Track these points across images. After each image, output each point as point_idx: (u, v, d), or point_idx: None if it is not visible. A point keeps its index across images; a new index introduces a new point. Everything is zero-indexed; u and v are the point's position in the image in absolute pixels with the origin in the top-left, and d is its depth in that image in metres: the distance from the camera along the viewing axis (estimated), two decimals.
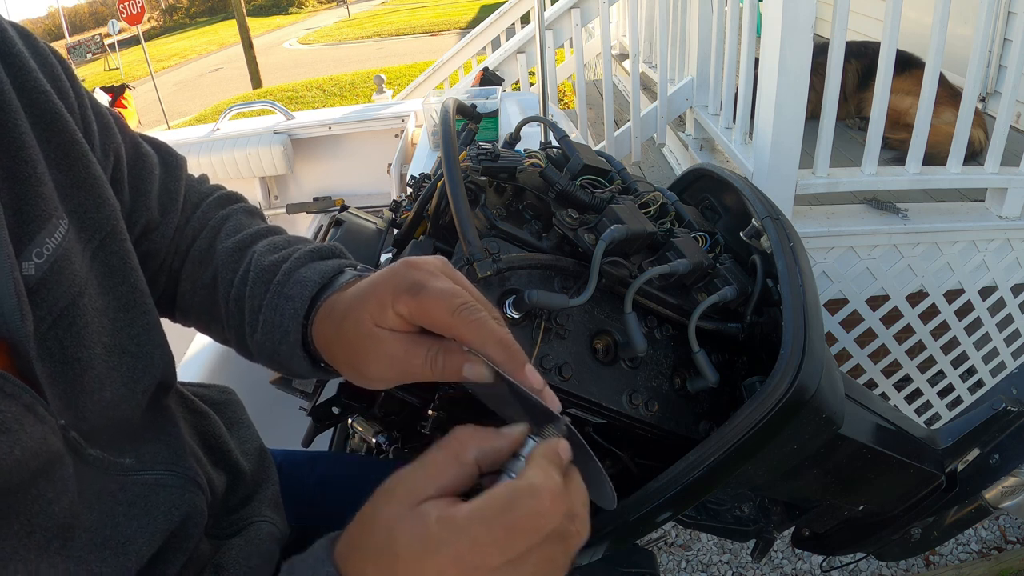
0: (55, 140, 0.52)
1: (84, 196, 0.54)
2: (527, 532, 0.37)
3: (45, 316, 0.48)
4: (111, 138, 0.62)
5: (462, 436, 0.41)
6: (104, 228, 0.56)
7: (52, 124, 0.52)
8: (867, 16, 3.44)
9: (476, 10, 18.39)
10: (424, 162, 2.21)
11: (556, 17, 3.39)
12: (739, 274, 0.76)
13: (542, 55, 2.54)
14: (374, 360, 0.50)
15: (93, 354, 0.52)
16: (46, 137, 0.52)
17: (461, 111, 0.86)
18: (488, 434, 0.42)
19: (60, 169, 0.53)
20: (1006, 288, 2.21)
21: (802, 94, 1.87)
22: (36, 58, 0.54)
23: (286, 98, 10.10)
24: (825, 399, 0.66)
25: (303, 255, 0.65)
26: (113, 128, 0.63)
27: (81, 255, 0.53)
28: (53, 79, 0.55)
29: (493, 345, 0.47)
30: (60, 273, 0.50)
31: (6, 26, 0.52)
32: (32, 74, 0.52)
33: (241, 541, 0.67)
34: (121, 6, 10.13)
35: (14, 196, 0.48)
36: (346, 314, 0.53)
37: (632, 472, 0.82)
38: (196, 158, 3.02)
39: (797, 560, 2.14)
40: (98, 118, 0.61)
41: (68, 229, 0.52)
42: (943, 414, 2.50)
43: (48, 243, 0.49)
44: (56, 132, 0.52)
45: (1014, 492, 1.00)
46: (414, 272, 0.49)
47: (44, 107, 0.52)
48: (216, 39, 25.17)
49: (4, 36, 0.51)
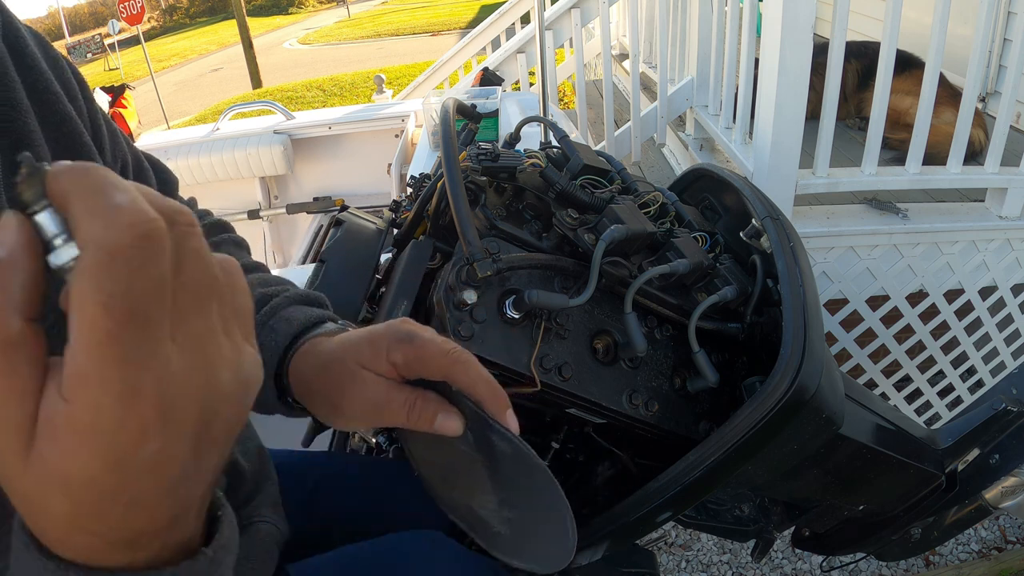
0: (64, 141, 0.53)
1: None
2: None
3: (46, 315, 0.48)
4: (119, 146, 0.63)
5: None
6: None
7: (61, 125, 0.53)
8: (867, 16, 3.44)
9: (476, 10, 18.39)
10: (424, 162, 2.21)
11: (556, 17, 3.39)
12: (739, 274, 0.76)
13: (542, 55, 2.54)
14: (355, 401, 0.53)
15: None
16: (55, 138, 0.52)
17: (461, 111, 0.85)
18: None
19: None
20: (1006, 288, 2.21)
21: (802, 94, 1.87)
22: (48, 62, 0.54)
23: (286, 98, 10.09)
24: (825, 399, 0.66)
25: (292, 296, 0.67)
26: (120, 138, 0.64)
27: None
28: (64, 83, 0.55)
29: (483, 384, 0.50)
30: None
31: (20, 27, 0.53)
32: (44, 76, 0.52)
33: (243, 541, 0.67)
34: (121, 6, 10.12)
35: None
36: (333, 355, 0.56)
37: (632, 472, 0.82)
38: (196, 158, 3.02)
39: (797, 560, 2.14)
40: (107, 125, 0.62)
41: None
42: (943, 414, 2.50)
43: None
44: (65, 134, 0.53)
45: (1014, 492, 1.00)
46: (408, 325, 0.53)
47: (54, 108, 0.52)
48: (216, 39, 25.17)
49: (18, 37, 0.52)
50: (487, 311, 0.64)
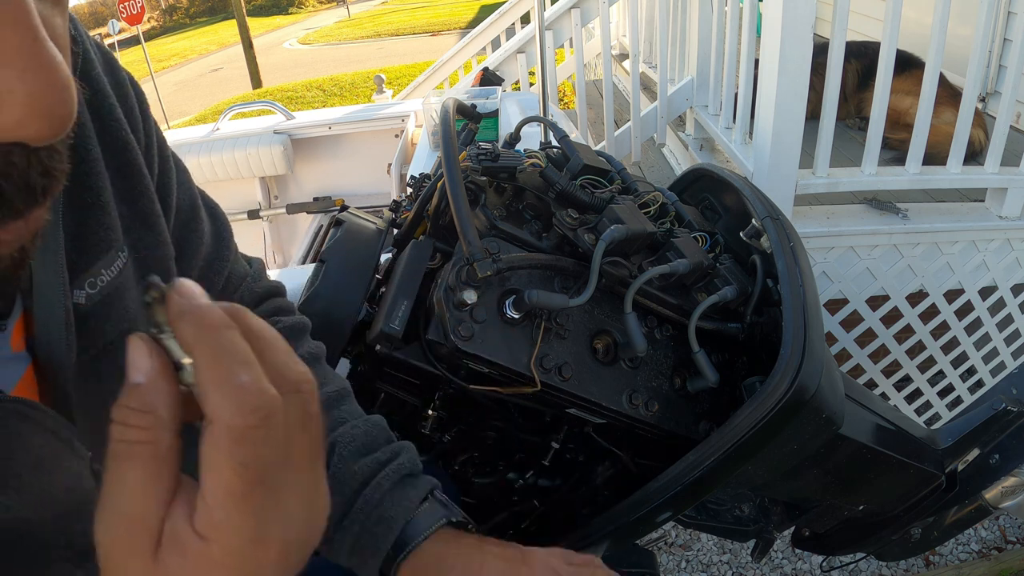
0: (124, 171, 0.51)
1: (145, 232, 0.53)
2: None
3: (90, 346, 0.47)
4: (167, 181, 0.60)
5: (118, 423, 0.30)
6: (160, 267, 0.54)
7: (122, 154, 0.51)
8: (867, 16, 3.44)
9: (476, 10, 18.38)
10: (424, 162, 2.21)
11: (556, 17, 3.39)
12: (739, 274, 0.76)
13: (542, 55, 2.54)
14: None
15: None
16: (115, 166, 0.50)
17: (461, 111, 0.86)
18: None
19: (125, 202, 0.51)
20: (1006, 288, 2.21)
21: (802, 94, 1.87)
22: (113, 84, 0.52)
23: (286, 98, 10.09)
24: (825, 399, 0.66)
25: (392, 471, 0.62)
26: (172, 174, 0.60)
27: (135, 290, 0.52)
28: (127, 110, 0.53)
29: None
30: (111, 306, 0.48)
31: (90, 48, 0.50)
32: (108, 100, 0.50)
33: None
34: (121, 6, 10.12)
35: (76, 222, 0.46)
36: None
37: (632, 472, 0.82)
38: (196, 158, 3.02)
39: (797, 560, 2.14)
40: (161, 161, 0.59)
41: (127, 263, 0.50)
42: (943, 414, 2.50)
43: (104, 274, 0.48)
44: (125, 163, 0.51)
45: (1014, 492, 1.00)
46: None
47: (116, 135, 0.50)
48: (216, 39, 25.17)
49: (86, 58, 0.49)
50: (487, 311, 0.64)
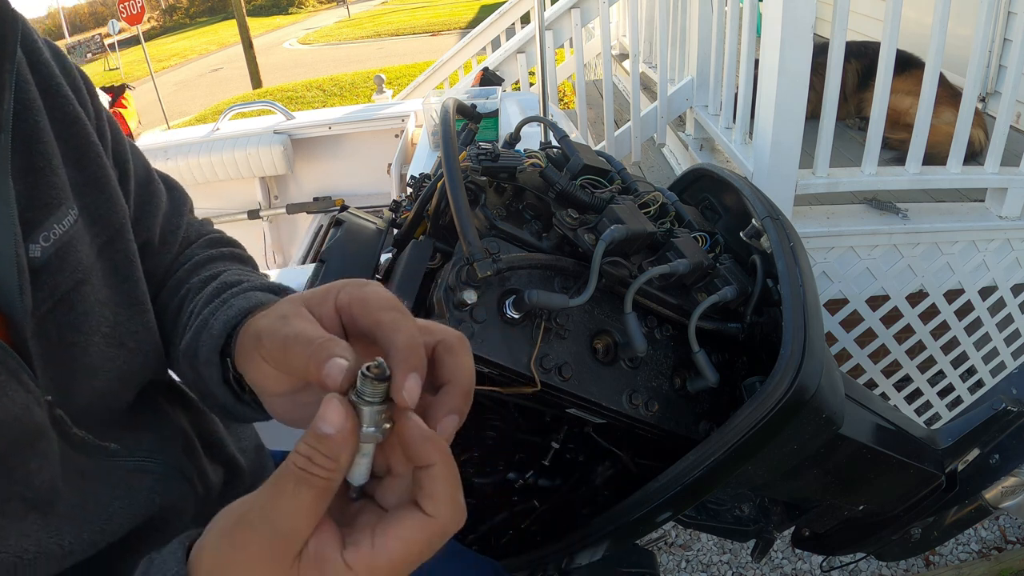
0: (73, 141, 0.56)
1: (97, 194, 0.57)
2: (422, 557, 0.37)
3: (47, 298, 0.51)
4: (122, 154, 0.65)
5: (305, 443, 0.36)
6: (113, 225, 0.59)
7: (71, 126, 0.56)
8: (867, 16, 3.44)
9: (476, 10, 18.38)
10: (424, 162, 2.21)
11: (556, 17, 3.39)
12: (739, 274, 0.76)
13: (542, 55, 2.54)
14: (274, 341, 0.45)
15: (90, 341, 0.55)
16: (64, 137, 0.55)
17: (461, 111, 0.86)
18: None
19: (75, 167, 0.56)
20: (1006, 288, 2.21)
21: (802, 94, 1.87)
22: (61, 69, 0.58)
23: (286, 98, 10.09)
24: (825, 399, 0.66)
25: (267, 285, 0.63)
26: (126, 148, 0.66)
27: (89, 246, 0.56)
28: (75, 89, 0.58)
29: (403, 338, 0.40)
30: (65, 259, 0.52)
31: (37, 38, 0.56)
32: (55, 80, 0.56)
33: None
34: (121, 6, 10.11)
35: (28, 184, 0.51)
36: (284, 302, 0.49)
37: (632, 472, 0.82)
38: (196, 158, 3.02)
39: (797, 560, 2.14)
40: (114, 133, 0.64)
41: (78, 219, 0.54)
42: (943, 414, 2.50)
43: (56, 228, 0.52)
44: (74, 134, 0.56)
45: (1014, 492, 1.00)
46: (361, 280, 0.48)
47: (65, 110, 0.56)
48: (216, 39, 25.16)
49: (35, 47, 0.55)
50: (487, 311, 0.64)
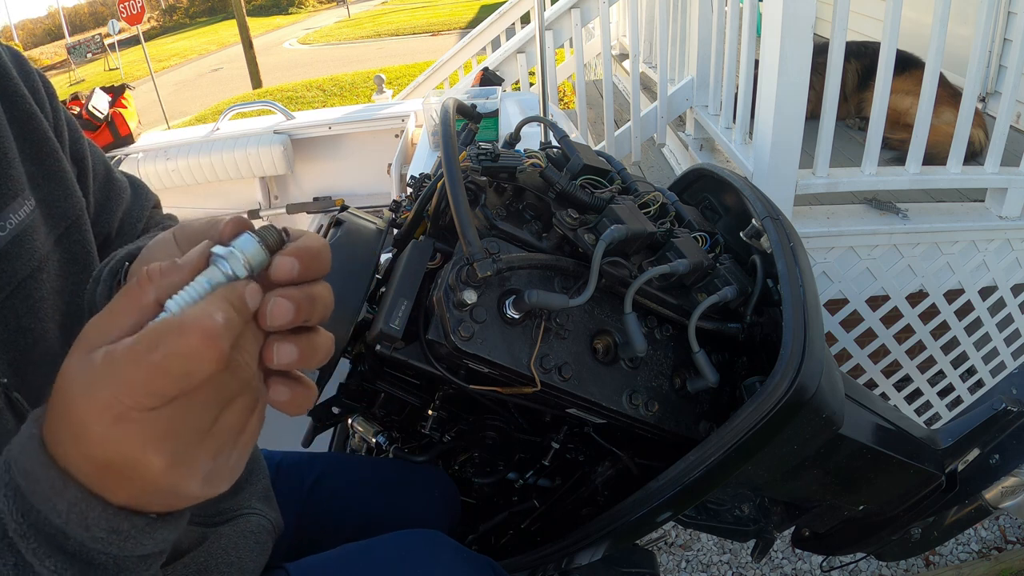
0: (29, 137, 0.59)
1: (53, 187, 0.60)
2: (172, 375, 0.34)
3: (4, 284, 0.53)
4: (80, 151, 0.67)
5: (143, 275, 0.37)
6: (69, 216, 0.61)
7: (27, 123, 0.59)
8: (867, 16, 3.44)
9: (476, 10, 18.37)
10: (424, 162, 2.21)
11: (556, 17, 3.39)
12: (739, 274, 0.76)
13: (542, 55, 2.54)
14: (169, 236, 0.48)
15: (46, 328, 0.56)
16: (21, 134, 0.58)
17: (461, 111, 0.85)
18: (169, 268, 0.37)
19: (32, 162, 0.59)
20: (1006, 288, 2.21)
21: (802, 94, 1.87)
22: (20, 72, 0.61)
23: (286, 98, 10.09)
24: (825, 399, 0.66)
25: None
26: (84, 144, 0.68)
27: (46, 236, 0.58)
28: (33, 90, 0.62)
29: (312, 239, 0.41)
30: (21, 246, 0.55)
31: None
32: (13, 81, 0.59)
33: (231, 530, 0.68)
34: (121, 6, 10.11)
35: None
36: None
37: (632, 472, 0.82)
38: (196, 158, 3.02)
39: (797, 560, 2.14)
40: (71, 132, 0.67)
41: (34, 209, 0.57)
42: (943, 414, 2.50)
43: (12, 218, 0.54)
44: (30, 130, 0.59)
45: (1014, 492, 1.00)
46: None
47: (21, 108, 0.59)
48: (216, 39, 25.15)
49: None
50: (487, 311, 0.64)
